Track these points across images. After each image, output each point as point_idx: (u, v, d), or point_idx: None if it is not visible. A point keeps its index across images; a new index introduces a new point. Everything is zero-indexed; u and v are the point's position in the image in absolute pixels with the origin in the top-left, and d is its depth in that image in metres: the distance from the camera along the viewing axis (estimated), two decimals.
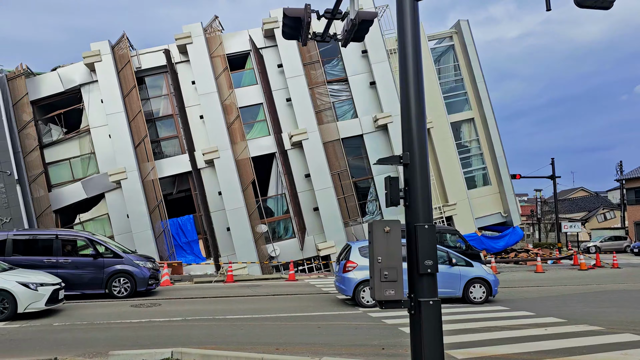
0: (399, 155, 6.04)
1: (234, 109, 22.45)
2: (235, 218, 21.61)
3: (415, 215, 5.95)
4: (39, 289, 11.23)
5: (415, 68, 5.80)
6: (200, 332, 9.64)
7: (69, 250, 15.01)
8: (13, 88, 21.49)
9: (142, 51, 22.76)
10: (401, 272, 5.80)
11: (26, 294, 10.99)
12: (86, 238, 15.07)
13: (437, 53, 29.30)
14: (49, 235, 14.96)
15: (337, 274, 12.95)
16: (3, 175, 20.34)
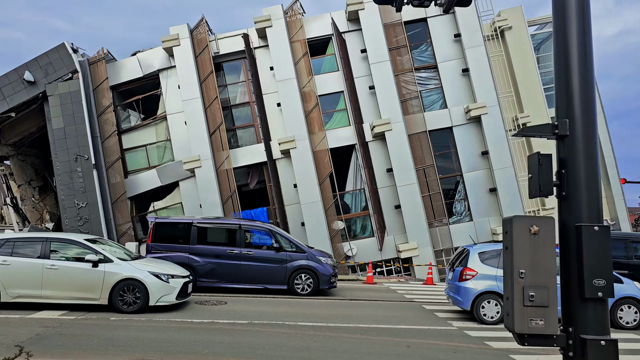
0: (553, 123, 4.16)
1: (312, 96, 21.05)
2: (310, 213, 20.23)
3: (576, 211, 4.05)
4: (170, 281, 10.55)
5: None
6: (266, 342, 8.19)
7: (249, 241, 14.41)
8: (94, 72, 21.36)
9: (220, 36, 21.93)
10: (555, 293, 3.95)
11: (158, 285, 10.35)
12: (269, 230, 14.36)
13: (536, 40, 26.37)
14: (232, 224, 14.36)
15: (451, 282, 11.10)
16: (81, 160, 20.20)
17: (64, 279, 10.19)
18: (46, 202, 24.49)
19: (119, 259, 10.57)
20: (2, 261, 10.29)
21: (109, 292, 10.15)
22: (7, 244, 10.58)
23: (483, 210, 20.77)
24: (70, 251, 10.62)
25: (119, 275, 10.22)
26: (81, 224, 20.16)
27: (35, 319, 9.46)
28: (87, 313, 10.11)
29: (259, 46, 21.81)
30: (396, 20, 21.15)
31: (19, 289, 10.21)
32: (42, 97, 20.83)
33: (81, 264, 10.28)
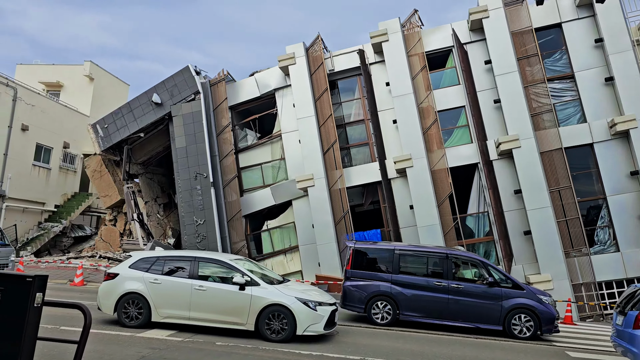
0: None
1: (431, 112, 19.79)
2: (428, 236, 18.81)
3: None
4: (318, 309, 9.78)
5: None
6: None
7: (457, 273, 13.24)
8: (214, 93, 22.06)
9: (335, 53, 21.57)
10: None
11: (305, 313, 9.61)
12: (481, 261, 13.02)
13: None
14: (439, 253, 13.06)
15: (621, 328, 8.98)
16: (200, 178, 20.78)
17: (212, 302, 9.81)
18: (170, 219, 25.68)
19: (265, 282, 10.02)
20: (153, 279, 10.16)
21: (256, 318, 9.58)
22: (158, 262, 10.45)
23: (632, 239, 17.88)
24: (216, 272, 10.25)
25: (265, 300, 9.60)
26: (199, 240, 20.63)
27: (144, 339, 9.28)
28: (194, 335, 9.77)
29: (374, 62, 21.10)
30: (525, 27, 19.27)
31: (169, 309, 9.98)
32: (168, 118, 21.88)
33: (228, 286, 9.83)
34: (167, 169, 25.13)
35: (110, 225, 25.78)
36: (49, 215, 28.78)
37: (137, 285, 10.17)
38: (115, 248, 24.98)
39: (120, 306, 10.16)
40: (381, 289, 12.73)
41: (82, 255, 23.65)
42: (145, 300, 10.05)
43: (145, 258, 10.62)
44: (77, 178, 31.46)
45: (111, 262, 22.05)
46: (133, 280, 10.24)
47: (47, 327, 9.61)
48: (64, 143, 29.69)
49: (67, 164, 30.32)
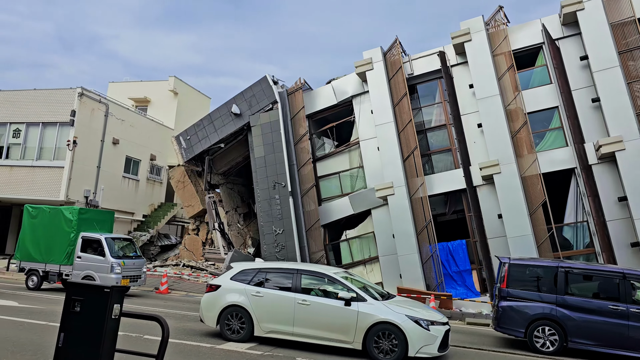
0: None
1: (520, 114, 18.46)
2: (519, 248, 17.46)
3: None
4: (431, 329, 9.00)
5: None
6: None
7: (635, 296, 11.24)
8: (291, 102, 22.01)
9: (414, 56, 20.79)
10: None
11: (418, 332, 8.82)
12: None
13: None
14: (613, 273, 11.37)
15: None
16: (279, 187, 20.71)
17: (316, 317, 9.32)
18: (249, 228, 25.92)
19: (370, 297, 9.43)
20: (255, 292, 9.87)
21: (363, 337, 8.95)
22: (259, 274, 10.18)
23: None
24: (319, 286, 9.79)
25: (373, 318, 8.95)
26: (278, 250, 20.52)
27: (224, 352, 9.04)
28: (274, 349, 9.42)
29: (456, 64, 20.08)
30: (626, 17, 17.51)
31: (272, 323, 9.64)
32: (247, 128, 22.09)
33: (333, 301, 9.32)
34: (247, 179, 25.41)
35: (193, 235, 26.45)
36: (138, 225, 30.10)
37: (240, 297, 9.92)
38: (197, 257, 25.56)
39: (223, 319, 9.95)
40: (545, 312, 11.31)
41: (167, 264, 24.38)
42: (247, 314, 9.78)
43: (247, 270, 10.39)
44: (163, 189, 32.74)
45: (194, 271, 22.51)
46: (235, 292, 10.01)
47: (131, 336, 9.66)
48: (151, 155, 31.01)
49: (153, 176, 31.64)
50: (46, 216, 17.52)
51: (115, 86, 36.42)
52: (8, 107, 26.38)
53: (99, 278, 15.70)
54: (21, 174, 25.54)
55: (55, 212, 17.52)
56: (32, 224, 17.68)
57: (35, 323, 10.66)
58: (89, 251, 16.58)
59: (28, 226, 17.73)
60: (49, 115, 25.55)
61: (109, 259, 16.15)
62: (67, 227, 17.06)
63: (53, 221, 17.28)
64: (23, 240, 17.79)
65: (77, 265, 16.48)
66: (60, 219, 17.19)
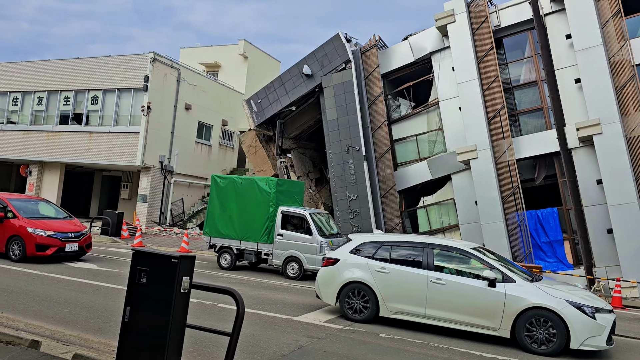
0: None
1: (627, 67, 16.25)
2: (622, 217, 15.64)
3: None
4: (597, 317, 7.64)
5: None
6: None
7: None
8: (365, 61, 20.75)
9: (501, 6, 18.82)
10: None
11: (582, 321, 7.53)
12: None
13: None
14: None
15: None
16: (352, 151, 19.78)
17: (453, 298, 8.29)
18: (322, 194, 25.30)
19: (520, 278, 8.26)
20: (380, 268, 8.90)
21: (512, 323, 7.83)
22: (383, 248, 9.16)
23: None
24: (455, 263, 8.70)
25: (525, 302, 7.78)
26: (352, 217, 19.76)
27: (301, 324, 8.43)
28: (354, 324, 8.69)
29: (550, 12, 17.94)
30: None
31: (401, 303, 8.68)
32: (319, 90, 21.17)
33: (474, 281, 8.24)
34: (319, 144, 24.64)
35: None
36: None
37: (362, 273, 8.99)
38: None
39: (344, 296, 9.08)
40: None
41: None
42: (371, 292, 8.85)
43: (369, 242, 9.40)
44: (235, 154, 32.76)
45: None
46: (356, 267, 9.10)
47: (206, 304, 9.29)
48: (222, 121, 30.95)
49: (225, 141, 31.66)
50: (237, 187, 15.39)
51: (186, 52, 36.52)
52: (86, 75, 26.98)
53: (305, 260, 14.05)
54: (100, 140, 26.21)
55: (248, 183, 15.39)
56: (221, 196, 15.62)
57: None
58: (290, 228, 14.73)
59: (217, 198, 15.67)
60: (124, 82, 25.86)
61: (317, 238, 14.05)
62: (263, 200, 14.89)
63: (246, 193, 15.18)
64: (212, 214, 15.73)
65: (278, 244, 14.59)
66: (255, 191, 15.06)
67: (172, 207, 27.04)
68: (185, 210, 28.13)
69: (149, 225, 25.34)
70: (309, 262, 13.94)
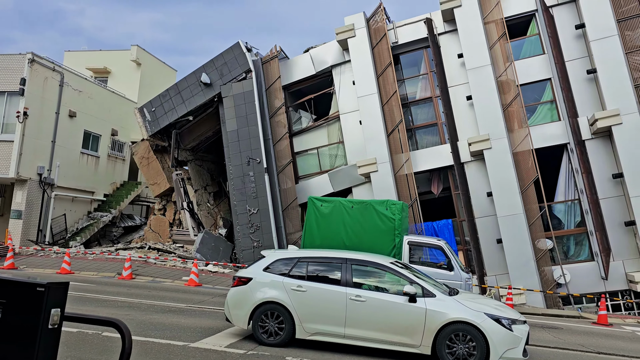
0: None
1: (512, 86, 17.39)
2: (509, 227, 16.55)
3: None
4: (514, 329, 7.50)
5: None
6: None
7: None
8: (267, 72, 20.35)
9: (399, 23, 19.40)
10: None
11: (501, 334, 7.34)
12: None
13: None
14: None
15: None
16: (253, 164, 19.17)
17: (373, 316, 7.80)
18: (220, 208, 24.31)
19: (440, 292, 7.94)
20: (296, 287, 8.21)
21: (433, 339, 7.46)
22: (299, 265, 8.51)
23: None
24: (374, 278, 8.22)
25: (445, 317, 7.47)
26: (252, 231, 19.08)
27: (200, 351, 7.62)
28: (258, 346, 8.06)
29: (443, 32, 18.82)
30: None
31: (319, 324, 8.02)
32: (218, 99, 20.36)
33: (393, 297, 7.82)
34: (217, 155, 23.73)
35: (160, 215, 24.67)
36: (98, 205, 28.02)
37: (276, 293, 8.26)
38: (164, 239, 23.85)
39: (257, 318, 8.27)
40: None
41: (131, 247, 22.60)
42: (287, 312, 8.15)
43: (284, 259, 8.70)
44: (126, 166, 30.61)
45: (160, 254, 20.85)
46: (271, 286, 8.35)
47: (87, 333, 8.14)
48: (112, 130, 28.80)
49: (115, 152, 29.48)
50: (347, 212, 12.67)
51: (71, 55, 33.72)
52: None
53: None
54: None
55: (362, 207, 12.57)
56: (323, 223, 12.74)
57: None
58: (417, 262, 12.45)
59: (316, 227, 12.80)
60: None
61: (461, 274, 11.88)
62: (385, 228, 12.23)
63: (360, 220, 12.47)
64: (311, 244, 12.74)
65: None
66: (373, 217, 12.41)
67: (52, 223, 24.46)
68: (68, 227, 25.60)
69: (25, 244, 22.67)
70: None
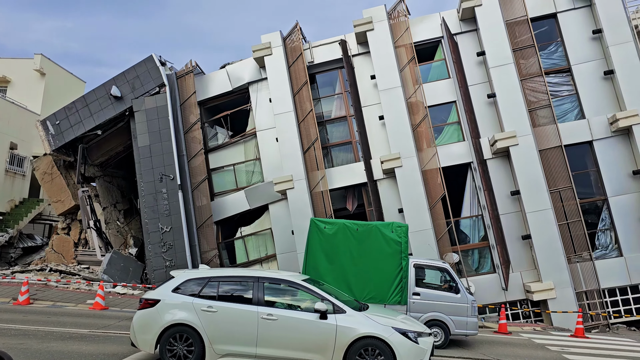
0: None
1: (420, 108, 18.28)
2: (419, 242, 17.22)
3: None
4: (419, 341, 7.79)
5: None
6: None
7: None
8: (181, 87, 19.94)
9: (315, 43, 19.83)
10: None
11: (407, 347, 7.60)
12: None
13: None
14: None
15: None
16: (166, 180, 18.61)
17: (285, 334, 7.81)
18: (131, 226, 23.29)
19: (350, 308, 8.07)
20: (207, 307, 8.04)
21: (343, 355, 7.58)
22: (210, 285, 8.33)
23: (635, 243, 16.78)
24: (286, 296, 8.27)
25: (355, 332, 7.64)
26: (165, 250, 18.44)
27: None
28: None
29: (357, 53, 19.46)
30: (520, 16, 18.04)
31: (229, 344, 7.88)
32: (129, 114, 19.64)
33: (305, 315, 7.89)
34: (128, 172, 22.78)
35: (63, 235, 23.14)
36: None
37: (186, 314, 8.01)
38: (68, 260, 22.39)
39: (164, 342, 7.92)
40: None
41: (30, 269, 20.99)
42: (197, 334, 7.91)
43: (194, 279, 8.45)
44: (27, 182, 28.57)
45: (63, 276, 19.53)
46: (180, 308, 8.08)
47: None
48: (11, 144, 26.85)
49: (14, 167, 27.45)
50: (351, 234, 12.17)
51: None
52: None
53: (453, 324, 11.78)
54: None
55: (367, 229, 12.18)
56: (326, 245, 12.20)
57: None
58: (423, 285, 12.43)
59: (321, 249, 12.20)
60: None
61: (467, 297, 12.07)
62: (391, 251, 11.92)
63: (365, 242, 12.06)
64: (315, 269, 12.14)
65: (415, 305, 11.96)
66: (378, 239, 11.97)
67: None
68: None
69: None
70: (457, 326, 11.79)
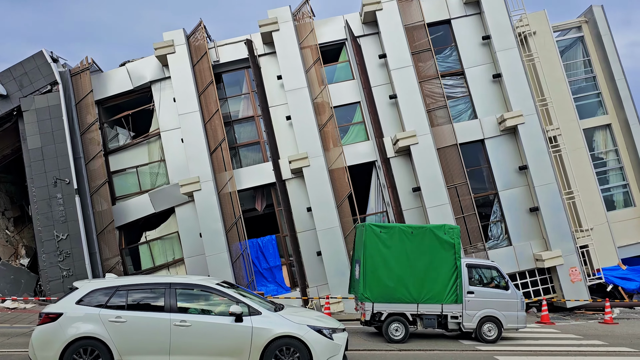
0: None
1: (326, 108, 18.64)
2: (327, 240, 17.59)
3: None
4: (334, 337, 8.13)
5: None
6: None
7: None
8: (77, 85, 18.79)
9: (220, 42, 19.52)
10: None
11: (322, 343, 7.94)
12: None
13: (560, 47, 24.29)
14: None
15: None
16: (61, 185, 17.46)
17: (199, 340, 7.72)
18: (22, 235, 21.58)
19: (266, 309, 8.22)
20: (115, 318, 7.72)
21: (260, 356, 7.77)
22: (118, 294, 8.00)
23: (523, 232, 18.30)
24: (200, 301, 8.20)
25: (271, 333, 7.84)
26: (61, 259, 17.32)
27: None
28: None
29: (263, 53, 19.43)
30: (418, 21, 18.96)
31: (140, 355, 7.68)
32: (17, 113, 18.19)
33: (220, 318, 7.90)
34: (18, 176, 21.09)
35: None
36: None
37: (92, 327, 7.66)
38: None
39: (68, 358, 7.49)
40: None
41: None
42: (104, 347, 7.57)
43: (100, 289, 8.04)
44: None
45: None
46: (85, 320, 7.71)
47: None
48: None
49: None
50: (407, 238, 12.69)
51: None
52: None
53: (505, 319, 12.41)
54: None
55: (421, 232, 12.79)
56: (384, 250, 12.56)
57: None
58: (476, 284, 12.93)
59: (378, 254, 12.52)
60: None
61: (517, 293, 12.85)
62: (446, 252, 12.59)
63: (421, 245, 12.63)
64: (375, 274, 12.43)
65: (470, 303, 12.44)
66: (433, 242, 12.61)
67: None
68: None
69: None
70: (509, 320, 12.49)
